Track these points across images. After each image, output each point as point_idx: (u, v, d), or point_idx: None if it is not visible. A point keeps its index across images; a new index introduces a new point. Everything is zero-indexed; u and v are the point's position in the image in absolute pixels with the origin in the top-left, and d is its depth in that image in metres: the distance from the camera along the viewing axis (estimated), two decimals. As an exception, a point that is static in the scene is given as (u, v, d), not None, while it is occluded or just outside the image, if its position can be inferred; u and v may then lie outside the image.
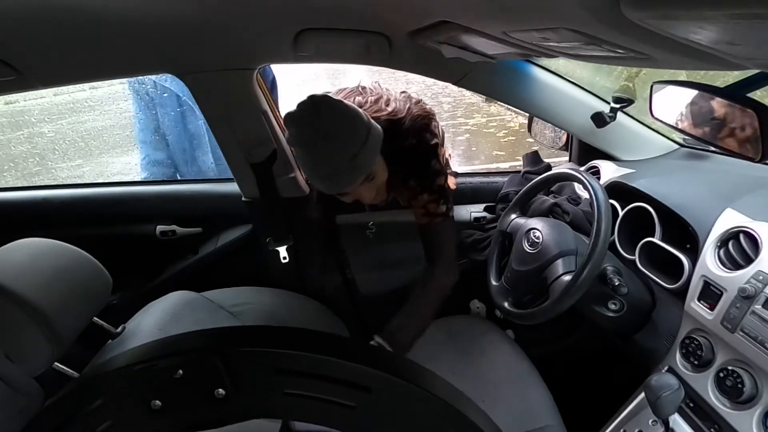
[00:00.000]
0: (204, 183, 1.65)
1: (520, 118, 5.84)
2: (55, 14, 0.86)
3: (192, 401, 0.33)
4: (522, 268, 1.08)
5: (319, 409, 0.34)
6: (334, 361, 0.34)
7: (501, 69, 1.22)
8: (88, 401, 0.33)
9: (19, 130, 9.18)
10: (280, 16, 1.04)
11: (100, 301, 1.09)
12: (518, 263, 1.10)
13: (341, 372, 0.33)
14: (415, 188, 1.16)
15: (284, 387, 0.33)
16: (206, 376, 0.32)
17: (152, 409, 0.33)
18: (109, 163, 6.46)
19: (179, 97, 1.88)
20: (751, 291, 0.77)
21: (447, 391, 0.37)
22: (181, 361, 0.32)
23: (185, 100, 1.87)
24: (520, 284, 1.09)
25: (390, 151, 1.09)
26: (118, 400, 0.34)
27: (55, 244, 1.06)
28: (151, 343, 0.35)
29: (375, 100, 1.16)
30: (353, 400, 0.33)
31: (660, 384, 0.80)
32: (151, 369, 0.32)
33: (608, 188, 1.12)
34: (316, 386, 0.33)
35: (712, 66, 0.45)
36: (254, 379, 0.33)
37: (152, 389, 0.33)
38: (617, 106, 1.22)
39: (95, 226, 1.55)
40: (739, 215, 0.89)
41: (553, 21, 0.47)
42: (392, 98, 1.18)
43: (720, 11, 0.26)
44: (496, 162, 4.96)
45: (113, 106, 10.76)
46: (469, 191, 1.56)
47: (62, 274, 1.01)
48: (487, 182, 1.58)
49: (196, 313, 1.21)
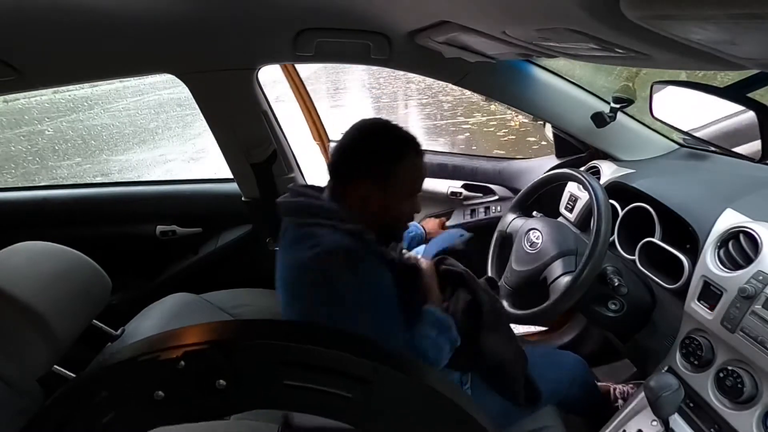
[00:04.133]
0: (204, 183, 1.65)
1: (521, 117, 5.85)
2: (55, 14, 0.86)
3: (194, 392, 0.34)
4: (522, 269, 1.08)
5: (319, 400, 0.34)
6: (334, 353, 0.34)
7: (501, 69, 1.22)
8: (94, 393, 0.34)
9: (19, 128, 9.18)
10: (280, 16, 1.04)
11: (99, 304, 1.09)
12: (518, 263, 1.10)
13: (341, 363, 0.34)
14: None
15: (284, 378, 0.34)
16: (207, 368, 0.33)
17: (155, 400, 0.33)
18: (108, 161, 6.47)
19: None
20: (751, 291, 0.77)
21: (446, 385, 0.37)
22: (183, 353, 0.33)
23: None
24: (520, 284, 1.09)
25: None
26: (122, 392, 0.34)
27: (54, 248, 1.06)
28: (154, 336, 0.36)
29: None
30: (352, 391, 0.34)
31: (660, 384, 0.80)
32: (155, 360, 0.33)
33: (608, 188, 1.12)
34: (316, 377, 0.34)
35: (712, 66, 0.45)
36: (254, 371, 0.34)
37: (155, 381, 0.34)
38: (617, 106, 1.22)
39: (95, 226, 1.56)
40: (739, 215, 0.89)
41: (553, 21, 0.47)
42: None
43: (720, 11, 0.26)
44: (496, 161, 4.95)
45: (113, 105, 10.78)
46: (450, 168, 1.61)
47: (61, 277, 1.01)
48: (469, 162, 1.62)
49: (195, 315, 1.22)
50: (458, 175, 1.61)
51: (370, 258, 0.81)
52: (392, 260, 0.86)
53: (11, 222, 1.54)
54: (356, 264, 0.79)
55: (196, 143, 6.75)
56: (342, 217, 0.83)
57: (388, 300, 0.81)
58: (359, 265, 0.79)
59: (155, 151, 6.69)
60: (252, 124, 1.32)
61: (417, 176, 0.87)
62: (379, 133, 0.87)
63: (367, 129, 0.88)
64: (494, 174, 1.59)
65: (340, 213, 0.83)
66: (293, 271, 0.85)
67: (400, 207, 0.87)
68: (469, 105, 7.45)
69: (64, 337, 0.94)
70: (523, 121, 5.81)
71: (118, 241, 1.54)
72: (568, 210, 1.33)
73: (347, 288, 0.78)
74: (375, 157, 0.84)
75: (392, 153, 0.84)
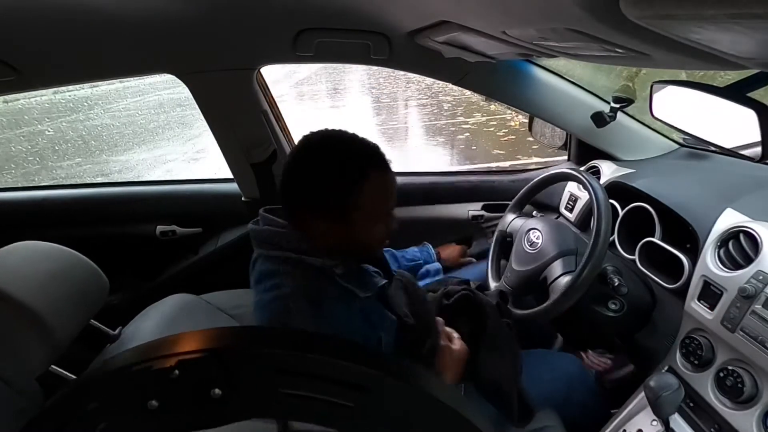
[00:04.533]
0: (204, 183, 1.65)
1: (521, 117, 5.84)
2: (55, 14, 0.86)
3: (188, 401, 0.33)
4: (522, 269, 1.08)
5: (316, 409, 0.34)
6: (331, 361, 0.34)
7: (501, 69, 1.22)
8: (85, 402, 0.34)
9: (19, 128, 9.18)
10: (280, 16, 1.04)
11: (97, 304, 1.09)
12: (518, 263, 1.10)
13: (338, 372, 0.34)
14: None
15: (280, 387, 0.33)
16: (202, 377, 0.33)
17: (149, 410, 0.33)
18: (108, 161, 6.46)
19: None
20: (751, 291, 0.77)
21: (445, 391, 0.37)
22: (177, 362, 0.32)
23: None
24: (520, 284, 1.09)
25: None
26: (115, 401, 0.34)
27: (52, 247, 1.06)
28: (147, 344, 0.35)
29: None
30: (350, 400, 0.34)
31: (660, 384, 0.80)
32: (148, 370, 0.33)
33: (608, 188, 1.12)
34: (313, 386, 0.33)
35: (712, 66, 0.45)
36: (250, 379, 0.34)
37: (149, 390, 0.33)
38: (617, 106, 1.22)
39: (95, 226, 1.55)
40: (739, 215, 0.89)
41: (553, 21, 0.47)
42: None
43: (720, 11, 0.26)
44: (496, 161, 4.96)
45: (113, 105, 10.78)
46: (467, 189, 1.55)
47: (58, 277, 1.01)
48: (486, 180, 1.57)
49: (194, 317, 1.21)
50: (477, 197, 1.54)
51: (335, 297, 0.72)
52: (374, 296, 0.77)
53: (11, 222, 1.54)
54: (319, 306, 0.71)
55: (196, 143, 6.75)
56: (305, 249, 0.73)
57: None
58: (322, 307, 0.71)
59: (155, 151, 6.69)
60: (252, 124, 1.32)
61: (384, 197, 0.76)
62: (327, 158, 0.74)
63: (314, 151, 0.75)
64: (515, 190, 1.49)
65: (302, 245, 0.73)
66: (257, 311, 0.77)
67: (369, 234, 0.76)
68: (469, 105, 7.45)
69: (62, 337, 0.94)
70: (523, 121, 5.80)
71: (118, 241, 1.54)
72: (568, 210, 1.33)
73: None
74: (325, 191, 0.73)
75: (346, 183, 0.72)
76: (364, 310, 0.76)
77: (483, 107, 7.09)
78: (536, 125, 1.55)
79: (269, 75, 1.32)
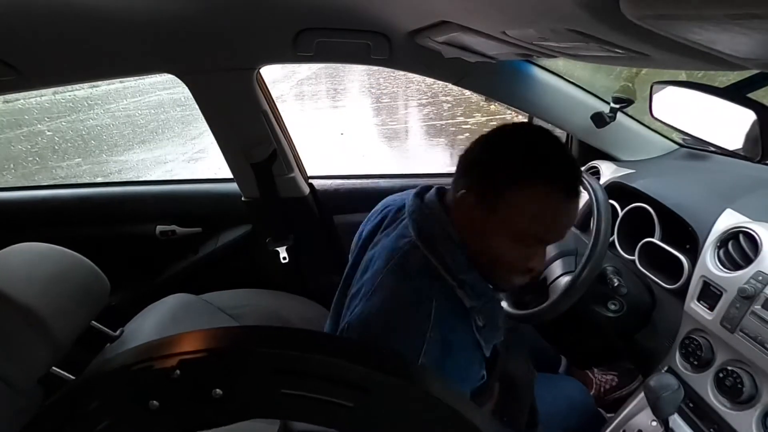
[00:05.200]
0: (204, 183, 1.65)
1: (521, 117, 5.83)
2: (55, 14, 0.86)
3: (189, 401, 0.33)
4: (522, 268, 1.08)
5: (317, 410, 0.34)
6: (332, 361, 0.34)
7: (501, 69, 1.22)
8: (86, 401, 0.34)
9: (19, 128, 9.18)
10: (280, 16, 1.04)
11: (98, 305, 1.09)
12: (518, 263, 1.10)
13: (339, 372, 0.33)
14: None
15: (281, 387, 0.33)
16: (203, 377, 0.33)
17: (150, 410, 0.33)
18: (108, 161, 6.46)
19: None
20: (751, 291, 0.77)
21: (446, 391, 0.37)
22: (178, 362, 0.32)
23: None
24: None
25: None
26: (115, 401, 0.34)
27: (53, 249, 1.06)
28: (148, 344, 0.35)
29: None
30: (351, 400, 0.33)
31: (660, 384, 0.80)
32: (149, 369, 0.33)
33: (608, 188, 1.12)
34: (314, 386, 0.33)
35: (712, 66, 0.45)
36: (251, 380, 0.34)
37: (150, 390, 0.33)
38: (617, 106, 1.22)
39: (95, 226, 1.55)
40: (739, 215, 0.89)
41: (553, 21, 0.47)
42: None
43: (720, 11, 0.26)
44: (496, 162, 4.94)
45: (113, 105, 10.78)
46: None
47: (59, 279, 1.01)
48: None
49: (195, 316, 1.21)
50: None
51: (469, 347, 0.67)
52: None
53: (11, 222, 1.54)
54: (450, 348, 0.65)
55: (196, 143, 6.75)
56: (460, 264, 0.67)
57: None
58: (453, 351, 0.65)
59: (155, 151, 6.69)
60: (252, 124, 1.32)
61: (537, 218, 0.64)
62: (522, 141, 0.68)
63: (516, 134, 0.69)
64: None
65: (460, 258, 0.67)
66: (370, 301, 0.70)
67: (505, 245, 0.66)
68: (468, 105, 7.45)
69: (63, 338, 0.94)
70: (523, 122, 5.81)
71: (117, 241, 1.54)
72: (568, 210, 1.33)
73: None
74: (495, 164, 0.66)
75: (516, 168, 0.64)
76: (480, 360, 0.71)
77: (483, 107, 7.09)
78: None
79: (269, 75, 1.32)
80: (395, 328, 0.67)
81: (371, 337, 0.67)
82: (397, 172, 1.69)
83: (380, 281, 0.70)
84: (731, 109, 0.74)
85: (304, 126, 6.32)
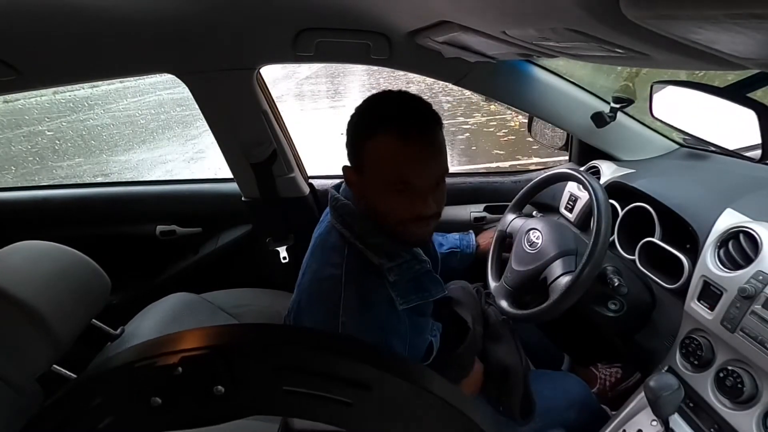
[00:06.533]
0: (204, 183, 1.65)
1: (521, 117, 5.84)
2: (55, 14, 0.86)
3: (191, 398, 0.33)
4: (521, 269, 1.08)
5: (318, 407, 0.34)
6: (333, 359, 0.34)
7: (501, 69, 1.22)
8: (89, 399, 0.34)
9: (19, 128, 9.18)
10: (280, 16, 1.04)
11: (99, 303, 1.09)
12: (518, 263, 1.10)
13: (340, 369, 0.34)
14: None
15: (283, 384, 0.33)
16: (205, 374, 0.33)
17: (152, 407, 0.33)
18: (108, 161, 6.47)
19: None
20: (751, 291, 0.77)
21: (447, 389, 0.37)
22: (180, 359, 0.32)
23: None
24: (520, 284, 1.09)
25: None
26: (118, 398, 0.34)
27: (54, 247, 1.06)
28: (151, 341, 0.36)
29: None
30: (352, 397, 0.34)
31: (660, 384, 0.80)
32: (151, 366, 0.33)
33: (608, 188, 1.12)
34: (315, 383, 0.33)
35: (712, 66, 0.45)
36: (253, 377, 0.34)
37: (152, 387, 0.33)
38: (617, 106, 1.22)
39: (96, 226, 1.56)
40: (739, 215, 0.89)
41: (553, 20, 0.47)
42: None
43: (720, 11, 0.26)
44: (497, 161, 4.96)
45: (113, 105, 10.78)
46: (470, 191, 1.55)
47: (60, 277, 1.01)
48: (488, 182, 1.57)
49: (195, 315, 1.22)
50: (479, 198, 1.54)
51: (383, 301, 0.75)
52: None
53: (11, 222, 1.54)
54: (366, 305, 0.74)
55: (196, 143, 6.75)
56: (368, 230, 0.76)
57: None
58: (370, 307, 0.74)
59: (155, 151, 6.69)
60: (252, 124, 1.32)
61: (389, 164, 0.70)
62: (361, 106, 0.75)
63: (369, 98, 0.76)
64: (518, 191, 1.44)
65: (366, 225, 0.76)
66: (310, 276, 0.81)
67: (383, 200, 0.73)
68: (469, 105, 7.45)
69: (64, 337, 0.94)
70: (523, 121, 5.81)
71: (118, 241, 1.54)
72: (568, 210, 1.33)
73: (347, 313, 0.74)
74: (350, 134, 0.75)
75: (361, 128, 0.73)
76: (411, 316, 0.77)
77: (483, 107, 7.09)
78: (536, 126, 1.55)
79: (269, 75, 1.32)
80: (315, 294, 0.78)
81: (301, 311, 0.79)
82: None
83: (306, 266, 0.82)
84: (731, 108, 0.74)
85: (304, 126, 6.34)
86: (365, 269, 0.76)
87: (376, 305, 0.75)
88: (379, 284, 0.75)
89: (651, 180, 1.12)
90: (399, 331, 0.76)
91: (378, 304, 0.75)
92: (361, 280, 0.75)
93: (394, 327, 0.76)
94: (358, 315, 0.73)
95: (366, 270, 0.76)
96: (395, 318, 0.75)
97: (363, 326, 0.73)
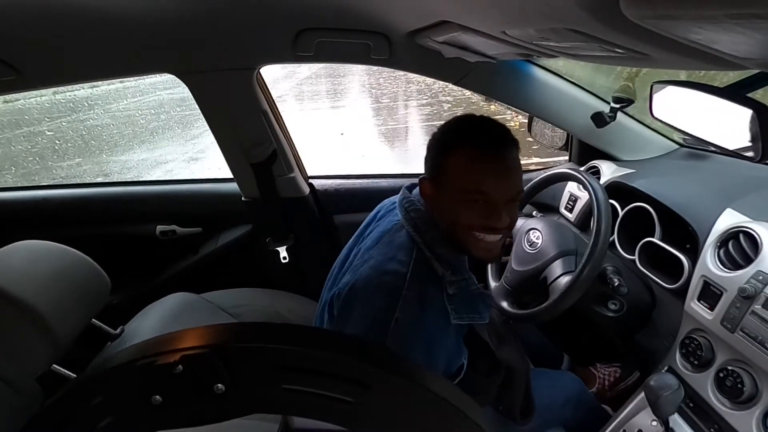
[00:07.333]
0: (204, 183, 1.65)
1: (521, 117, 5.84)
2: (55, 14, 0.86)
3: (192, 397, 0.33)
4: (521, 269, 1.08)
5: (318, 405, 0.34)
6: (333, 357, 0.34)
7: (501, 69, 1.23)
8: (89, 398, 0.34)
9: (19, 128, 9.18)
10: (280, 16, 1.04)
11: (99, 303, 1.09)
12: (518, 263, 1.10)
13: (341, 368, 0.34)
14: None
15: (283, 382, 0.34)
16: (205, 372, 0.33)
17: (153, 405, 0.33)
18: (108, 161, 6.47)
19: None
20: (751, 291, 0.77)
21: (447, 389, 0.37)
22: (180, 357, 0.32)
23: None
24: (520, 284, 1.09)
25: None
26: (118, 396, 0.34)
27: (53, 247, 1.06)
28: (151, 340, 0.36)
29: None
30: (352, 396, 0.34)
31: (660, 384, 0.80)
32: (151, 365, 0.33)
33: (608, 188, 1.12)
34: (316, 382, 0.34)
35: (712, 66, 0.45)
36: (253, 375, 0.34)
37: (153, 385, 0.33)
38: (617, 106, 1.22)
39: (96, 226, 1.56)
40: (739, 215, 0.89)
41: (553, 21, 0.47)
42: None
43: (720, 11, 0.26)
44: (496, 162, 4.94)
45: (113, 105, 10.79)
46: None
47: (60, 277, 1.01)
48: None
49: (195, 315, 1.22)
50: None
51: (439, 309, 0.77)
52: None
53: (11, 222, 1.54)
54: (424, 309, 0.76)
55: (196, 143, 6.75)
56: (435, 238, 0.79)
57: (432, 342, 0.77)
58: (426, 312, 0.76)
59: (155, 151, 6.69)
60: (252, 124, 1.32)
61: (465, 176, 0.74)
62: (455, 121, 0.80)
63: (453, 119, 0.81)
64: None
65: (435, 234, 0.79)
66: (368, 265, 0.81)
67: (458, 208, 0.76)
68: (469, 105, 7.44)
69: (64, 336, 0.94)
70: (523, 121, 5.81)
71: (118, 240, 1.54)
72: (568, 210, 1.33)
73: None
74: (432, 148, 0.80)
75: (443, 143, 0.78)
76: (457, 334, 0.81)
77: (483, 107, 7.08)
78: (536, 126, 1.55)
79: (269, 75, 1.32)
80: (375, 284, 0.78)
81: (355, 300, 0.79)
82: (397, 172, 1.69)
83: (369, 255, 0.82)
84: (731, 108, 0.74)
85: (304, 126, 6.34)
86: (429, 275, 0.78)
87: (434, 311, 0.77)
88: (438, 293, 0.78)
89: (651, 180, 1.12)
90: (445, 343, 0.79)
91: (435, 311, 0.77)
92: (424, 284, 0.77)
93: (442, 338, 0.78)
94: (414, 315, 0.74)
95: (430, 276, 0.78)
96: (445, 329, 0.78)
97: (416, 327, 0.75)
